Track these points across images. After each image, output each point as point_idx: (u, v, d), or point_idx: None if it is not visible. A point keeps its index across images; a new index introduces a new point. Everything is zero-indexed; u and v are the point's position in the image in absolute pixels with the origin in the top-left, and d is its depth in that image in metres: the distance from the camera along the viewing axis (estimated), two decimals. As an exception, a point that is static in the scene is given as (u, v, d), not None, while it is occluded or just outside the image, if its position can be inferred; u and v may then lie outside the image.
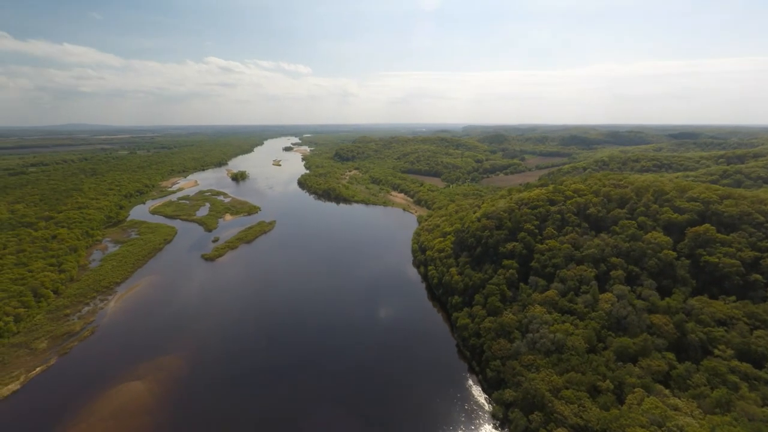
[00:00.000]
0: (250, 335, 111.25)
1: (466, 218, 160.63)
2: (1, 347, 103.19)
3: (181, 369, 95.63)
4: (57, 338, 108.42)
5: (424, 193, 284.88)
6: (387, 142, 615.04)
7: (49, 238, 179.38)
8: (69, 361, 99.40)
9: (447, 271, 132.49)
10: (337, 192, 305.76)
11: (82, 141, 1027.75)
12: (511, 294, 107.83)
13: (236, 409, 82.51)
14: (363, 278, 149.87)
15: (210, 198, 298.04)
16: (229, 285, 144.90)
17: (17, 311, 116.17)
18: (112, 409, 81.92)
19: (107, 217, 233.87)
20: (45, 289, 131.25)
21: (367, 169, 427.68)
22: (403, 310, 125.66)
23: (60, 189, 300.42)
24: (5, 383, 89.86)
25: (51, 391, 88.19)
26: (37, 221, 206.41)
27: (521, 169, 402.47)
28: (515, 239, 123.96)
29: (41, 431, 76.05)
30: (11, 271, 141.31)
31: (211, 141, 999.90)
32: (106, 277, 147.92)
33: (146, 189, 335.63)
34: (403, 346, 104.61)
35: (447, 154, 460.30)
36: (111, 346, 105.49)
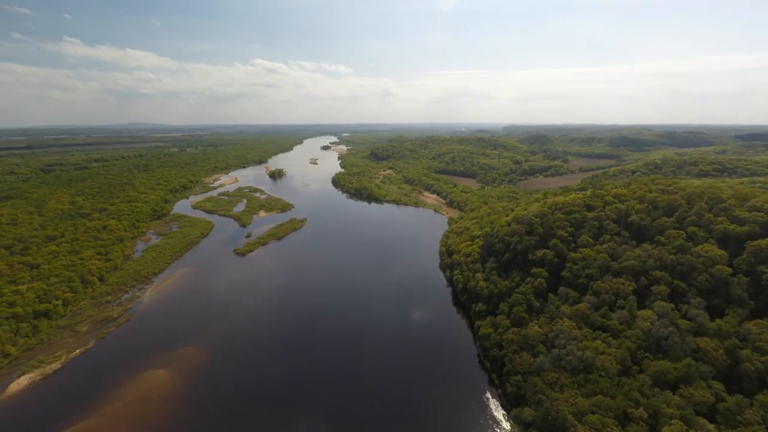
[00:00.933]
0: (270, 332, 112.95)
1: (497, 222, 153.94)
2: (48, 328, 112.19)
3: (202, 361, 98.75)
4: (97, 323, 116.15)
5: (456, 194, 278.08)
6: (423, 141, 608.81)
7: (100, 228, 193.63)
8: (105, 345, 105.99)
9: (472, 276, 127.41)
10: (369, 191, 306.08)
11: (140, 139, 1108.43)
12: (538, 305, 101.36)
13: (249, 404, 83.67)
14: (388, 279, 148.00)
15: (247, 194, 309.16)
16: (256, 281, 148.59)
17: (66, 296, 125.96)
18: (138, 394, 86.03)
19: (153, 210, 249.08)
20: (92, 276, 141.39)
21: (401, 169, 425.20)
22: (425, 314, 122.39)
23: (115, 183, 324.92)
24: (49, 362, 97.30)
25: (86, 373, 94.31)
26: (92, 212, 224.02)
27: (563, 172, 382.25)
28: (546, 246, 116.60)
29: (74, 410, 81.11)
30: (65, 258, 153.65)
31: (254, 139, 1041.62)
32: (146, 267, 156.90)
33: (190, 184, 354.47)
34: (422, 352, 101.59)
35: (484, 155, 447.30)
36: (142, 333, 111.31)
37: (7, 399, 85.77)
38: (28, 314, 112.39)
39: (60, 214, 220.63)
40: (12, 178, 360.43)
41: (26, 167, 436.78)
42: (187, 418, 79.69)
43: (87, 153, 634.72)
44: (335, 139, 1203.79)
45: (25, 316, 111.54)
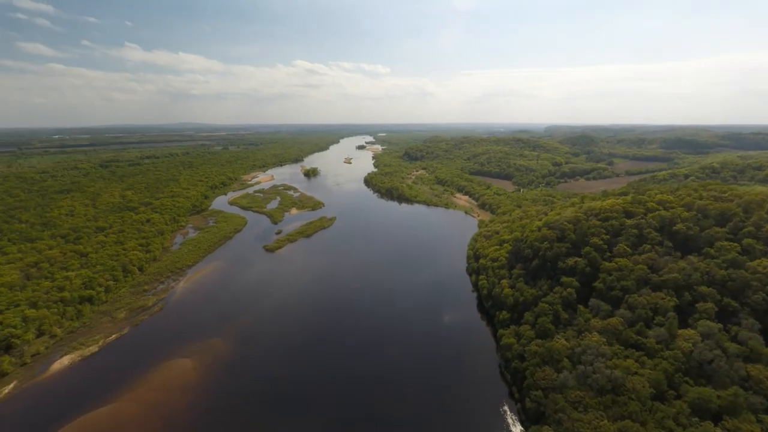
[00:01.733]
0: (292, 328, 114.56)
1: (528, 227, 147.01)
2: (91, 313, 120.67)
3: (225, 352, 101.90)
4: (133, 310, 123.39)
5: (489, 196, 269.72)
6: (458, 142, 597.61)
7: (144, 221, 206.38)
8: (138, 332, 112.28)
9: (498, 282, 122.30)
10: (400, 191, 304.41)
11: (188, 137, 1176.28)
12: (566, 316, 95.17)
13: (265, 399, 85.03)
14: (412, 281, 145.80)
15: (281, 192, 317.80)
16: (282, 277, 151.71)
17: (108, 283, 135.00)
18: (161, 381, 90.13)
19: (193, 206, 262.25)
20: (132, 266, 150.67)
21: (434, 170, 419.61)
22: (448, 319, 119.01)
23: (162, 179, 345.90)
24: (88, 345, 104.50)
25: (118, 357, 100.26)
26: (138, 206, 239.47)
27: (606, 175, 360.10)
28: (578, 254, 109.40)
29: (104, 392, 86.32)
30: (111, 248, 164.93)
31: (292, 139, 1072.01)
32: (182, 259, 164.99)
33: (229, 181, 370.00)
34: (441, 357, 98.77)
35: (521, 156, 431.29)
36: (172, 323, 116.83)
37: (49, 377, 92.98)
38: (74, 299, 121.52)
39: (111, 207, 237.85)
40: (75, 173, 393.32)
41: (88, 163, 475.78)
42: (204, 409, 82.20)
43: (141, 150, 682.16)
44: (371, 138, 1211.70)
45: (72, 300, 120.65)
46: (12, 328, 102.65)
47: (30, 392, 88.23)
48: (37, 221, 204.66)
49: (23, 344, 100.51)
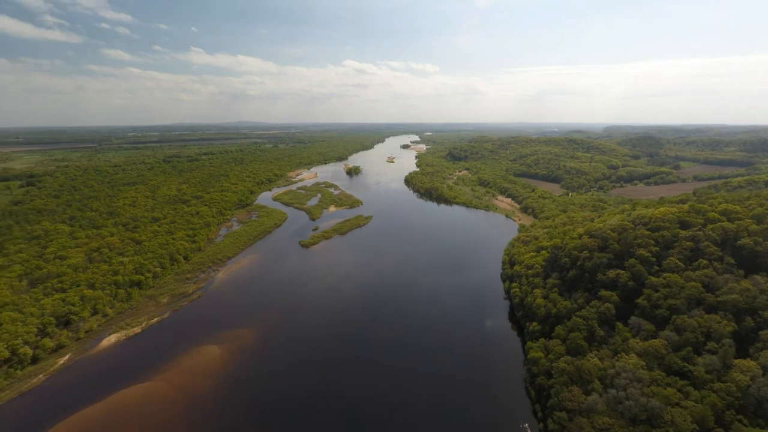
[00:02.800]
0: (317, 323, 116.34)
1: (569, 233, 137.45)
2: (138, 296, 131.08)
3: (251, 342, 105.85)
4: (175, 296, 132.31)
5: (533, 199, 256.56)
6: (505, 142, 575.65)
7: (194, 213, 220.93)
8: (177, 317, 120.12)
9: (531, 291, 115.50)
10: (439, 192, 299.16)
11: (243, 135, 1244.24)
12: (602, 333, 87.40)
13: (283, 389, 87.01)
14: (443, 285, 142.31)
15: (322, 189, 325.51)
16: (313, 273, 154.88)
17: (156, 270, 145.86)
18: (190, 365, 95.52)
19: (239, 200, 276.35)
20: (179, 255, 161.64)
21: (477, 170, 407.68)
22: (476, 326, 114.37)
23: (214, 174, 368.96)
24: (132, 326, 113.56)
25: (157, 339, 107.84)
26: (191, 199, 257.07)
27: (670, 180, 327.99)
28: (621, 266, 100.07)
29: (140, 371, 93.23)
30: (162, 237, 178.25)
31: (339, 137, 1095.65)
32: (223, 251, 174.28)
33: (275, 178, 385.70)
34: (464, 366, 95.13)
35: (572, 158, 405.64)
36: (207, 310, 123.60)
37: (98, 352, 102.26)
38: (125, 282, 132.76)
39: (167, 199, 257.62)
40: (141, 167, 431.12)
41: (153, 158, 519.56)
42: (225, 396, 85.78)
43: (200, 147, 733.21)
44: (417, 138, 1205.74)
45: (124, 284, 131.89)
46: (71, 305, 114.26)
47: (81, 364, 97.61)
48: (105, 210, 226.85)
49: (79, 321, 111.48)
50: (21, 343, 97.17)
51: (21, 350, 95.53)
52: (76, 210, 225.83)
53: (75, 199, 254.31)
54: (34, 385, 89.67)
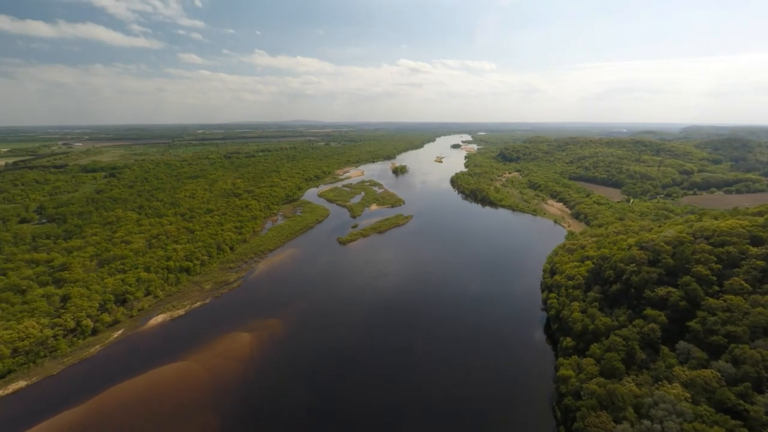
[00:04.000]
0: (345, 319, 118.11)
1: (619, 243, 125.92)
2: (186, 281, 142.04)
3: (280, 332, 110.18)
4: (217, 284, 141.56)
5: (586, 205, 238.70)
6: (562, 143, 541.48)
7: (244, 206, 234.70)
8: (217, 303, 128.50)
9: (569, 304, 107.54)
10: (484, 194, 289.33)
11: (299, 134, 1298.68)
12: (643, 357, 78.87)
13: (305, 380, 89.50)
14: (476, 290, 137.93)
15: (366, 187, 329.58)
16: (347, 269, 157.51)
17: (203, 258, 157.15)
18: (222, 349, 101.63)
19: (287, 195, 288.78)
20: (225, 245, 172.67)
21: (529, 172, 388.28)
22: (506, 336, 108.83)
23: (267, 170, 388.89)
24: (177, 309, 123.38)
25: (197, 322, 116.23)
26: (243, 193, 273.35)
27: (758, 189, 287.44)
28: (674, 284, 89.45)
29: (178, 350, 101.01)
30: (213, 228, 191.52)
31: (390, 136, 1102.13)
32: (265, 243, 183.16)
33: (323, 175, 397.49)
34: (488, 377, 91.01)
35: (638, 161, 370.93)
36: (244, 299, 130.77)
37: (146, 329, 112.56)
38: (176, 268, 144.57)
39: (222, 192, 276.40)
40: (204, 162, 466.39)
41: (216, 154, 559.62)
42: (251, 381, 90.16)
43: (258, 144, 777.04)
44: (469, 137, 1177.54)
45: (174, 269, 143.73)
46: (129, 286, 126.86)
47: (131, 340, 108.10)
48: (168, 200, 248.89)
49: (134, 300, 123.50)
50: (85, 316, 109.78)
51: (84, 322, 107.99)
52: (144, 200, 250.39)
53: (145, 190, 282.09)
54: (91, 354, 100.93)
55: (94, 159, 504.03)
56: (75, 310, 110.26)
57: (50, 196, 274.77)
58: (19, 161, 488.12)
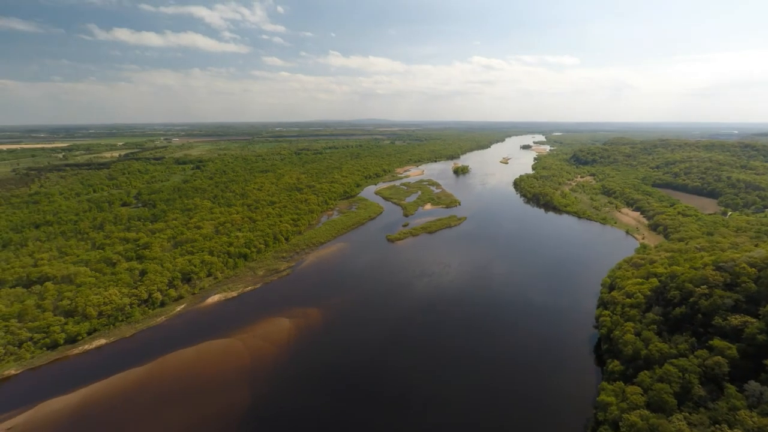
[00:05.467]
0: (382, 316, 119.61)
1: (695, 261, 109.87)
2: (242, 266, 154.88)
3: (317, 322, 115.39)
4: (269, 271, 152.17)
5: (668, 216, 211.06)
6: (648, 145, 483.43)
7: (303, 200, 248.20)
8: (265, 289, 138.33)
9: (622, 323, 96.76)
10: (548, 198, 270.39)
11: (367, 132, 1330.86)
12: (702, 393, 68.20)
13: (335, 370, 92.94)
14: (522, 300, 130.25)
15: (423, 187, 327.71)
16: (391, 267, 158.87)
17: (260, 246, 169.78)
18: (264, 332, 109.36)
19: (345, 192, 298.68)
20: (281, 236, 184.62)
21: (604, 177, 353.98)
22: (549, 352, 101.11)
23: (330, 166, 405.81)
24: (232, 290, 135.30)
25: (245, 304, 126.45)
26: (304, 188, 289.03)
27: None
28: (753, 313, 75.70)
29: (226, 327, 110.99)
30: (272, 219, 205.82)
31: (457, 136, 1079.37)
32: (318, 236, 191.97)
33: (383, 173, 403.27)
34: (522, 397, 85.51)
35: (744, 168, 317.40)
36: (290, 287, 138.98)
37: (204, 306, 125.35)
38: (235, 254, 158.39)
39: (286, 186, 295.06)
40: (277, 158, 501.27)
41: (288, 150, 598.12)
42: (285, 364, 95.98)
43: (327, 142, 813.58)
44: (542, 138, 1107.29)
45: (234, 254, 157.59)
46: (194, 266, 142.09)
47: (190, 314, 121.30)
48: (239, 192, 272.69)
49: (197, 279, 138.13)
50: (156, 289, 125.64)
51: (155, 295, 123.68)
52: (219, 190, 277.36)
53: (222, 182, 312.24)
54: (157, 323, 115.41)
55: (186, 153, 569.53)
56: (149, 284, 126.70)
57: (147, 184, 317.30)
58: (129, 153, 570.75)
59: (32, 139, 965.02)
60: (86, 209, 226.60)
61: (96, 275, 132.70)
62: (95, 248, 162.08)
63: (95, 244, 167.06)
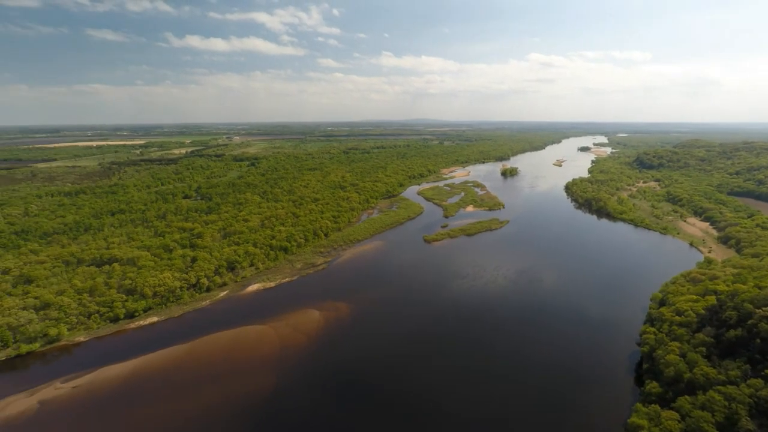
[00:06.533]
0: (409, 314, 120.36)
1: (763, 280, 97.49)
2: (282, 259, 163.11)
3: (346, 316, 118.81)
4: (306, 265, 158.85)
5: (743, 228, 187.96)
6: (729, 148, 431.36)
7: (345, 198, 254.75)
8: (301, 281, 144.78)
9: (667, 342, 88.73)
10: (602, 204, 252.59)
11: (416, 132, 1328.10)
12: (751, 428, 60.94)
13: (360, 364, 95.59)
14: (560, 309, 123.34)
15: (468, 188, 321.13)
16: (424, 266, 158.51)
17: (300, 240, 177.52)
18: (295, 322, 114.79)
19: (387, 191, 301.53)
20: (321, 231, 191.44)
21: (671, 183, 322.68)
22: (584, 368, 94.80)
23: (376, 166, 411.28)
24: (270, 281, 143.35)
25: (281, 295, 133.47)
26: (348, 186, 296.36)
27: None
28: (825, 342, 65.88)
29: (262, 314, 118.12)
30: (314, 215, 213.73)
31: (509, 136, 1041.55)
32: (356, 234, 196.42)
33: (427, 173, 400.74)
34: (548, 413, 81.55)
35: None
36: (324, 281, 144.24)
37: (243, 294, 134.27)
38: (277, 246, 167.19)
39: (331, 184, 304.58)
40: (325, 156, 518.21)
41: (337, 149, 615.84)
42: (312, 353, 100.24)
43: (375, 141, 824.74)
44: (604, 139, 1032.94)
45: (275, 247, 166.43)
46: (238, 256, 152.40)
47: (231, 300, 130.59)
48: (287, 188, 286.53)
49: (240, 269, 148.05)
50: (203, 276, 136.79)
51: (202, 281, 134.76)
52: (269, 186, 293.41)
53: (272, 178, 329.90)
54: (202, 306, 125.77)
55: (244, 150, 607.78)
56: (198, 270, 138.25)
57: (207, 179, 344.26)
58: (194, 150, 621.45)
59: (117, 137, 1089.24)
60: (153, 200, 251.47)
61: (155, 260, 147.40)
62: (157, 235, 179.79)
63: (157, 231, 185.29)
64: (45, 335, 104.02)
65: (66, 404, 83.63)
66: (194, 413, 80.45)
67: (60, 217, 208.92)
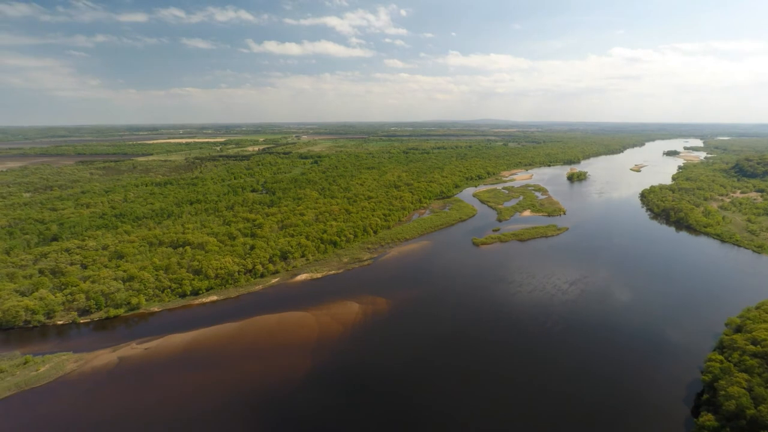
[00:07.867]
0: (447, 316, 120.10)
1: None
2: (331, 252, 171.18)
3: (384, 311, 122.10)
4: (353, 259, 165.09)
5: None
6: None
7: (398, 197, 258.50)
8: (346, 275, 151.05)
9: (734, 373, 78.30)
10: (682, 214, 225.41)
11: (481, 133, 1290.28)
12: (823, 478, 52.16)
13: (391, 360, 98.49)
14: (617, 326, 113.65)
15: (527, 192, 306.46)
16: (469, 269, 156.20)
17: (349, 236, 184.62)
18: (334, 311, 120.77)
19: (441, 192, 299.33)
20: (370, 228, 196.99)
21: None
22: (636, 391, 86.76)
23: (433, 166, 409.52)
24: (318, 272, 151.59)
25: (326, 285, 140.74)
26: (402, 185, 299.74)
27: None
28: None
29: (305, 302, 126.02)
30: (365, 212, 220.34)
31: (582, 138, 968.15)
32: (404, 233, 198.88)
33: (486, 175, 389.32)
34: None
35: None
36: (367, 276, 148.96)
37: (292, 282, 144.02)
38: (327, 240, 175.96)
39: (386, 183, 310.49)
40: (385, 156, 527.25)
41: (397, 149, 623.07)
42: (347, 343, 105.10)
43: (436, 142, 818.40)
44: (699, 142, 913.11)
45: (325, 241, 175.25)
46: (291, 247, 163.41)
47: (282, 287, 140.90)
48: (344, 185, 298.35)
49: (291, 259, 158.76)
50: (259, 263, 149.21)
51: (257, 267, 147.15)
52: (328, 183, 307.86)
53: (332, 176, 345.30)
54: (255, 290, 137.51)
55: (309, 149, 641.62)
56: (255, 257, 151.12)
57: (274, 174, 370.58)
58: (266, 148, 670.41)
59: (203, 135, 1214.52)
60: (225, 192, 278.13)
61: (220, 245, 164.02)
62: (224, 224, 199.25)
63: (225, 220, 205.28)
64: (128, 303, 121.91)
65: (138, 362, 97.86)
66: (236, 384, 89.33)
67: (149, 204, 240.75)
